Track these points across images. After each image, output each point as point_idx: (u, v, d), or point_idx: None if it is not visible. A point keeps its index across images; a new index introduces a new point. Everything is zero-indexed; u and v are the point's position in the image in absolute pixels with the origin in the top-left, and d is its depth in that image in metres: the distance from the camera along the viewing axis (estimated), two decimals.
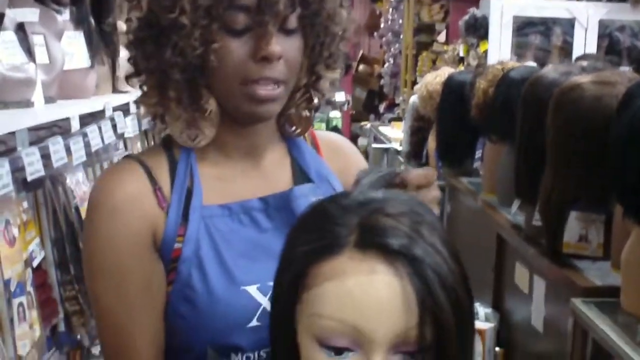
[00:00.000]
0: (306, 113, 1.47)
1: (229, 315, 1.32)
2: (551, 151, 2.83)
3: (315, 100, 1.47)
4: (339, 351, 0.95)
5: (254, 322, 1.33)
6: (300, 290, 0.99)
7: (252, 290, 1.33)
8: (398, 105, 9.59)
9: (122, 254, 1.32)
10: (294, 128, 1.49)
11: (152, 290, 1.34)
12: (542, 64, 4.89)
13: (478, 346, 3.06)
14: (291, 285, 1.00)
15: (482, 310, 3.27)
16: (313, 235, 1.00)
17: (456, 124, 4.48)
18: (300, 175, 1.46)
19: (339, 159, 1.53)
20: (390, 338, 0.93)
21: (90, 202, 1.38)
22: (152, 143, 3.48)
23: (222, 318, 1.32)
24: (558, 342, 2.67)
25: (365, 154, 8.22)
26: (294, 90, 1.42)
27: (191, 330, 1.33)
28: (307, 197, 1.41)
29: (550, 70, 3.21)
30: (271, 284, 1.29)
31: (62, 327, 2.37)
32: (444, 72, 5.18)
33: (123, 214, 1.32)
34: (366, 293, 0.93)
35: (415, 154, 5.77)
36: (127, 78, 1.42)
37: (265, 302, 1.33)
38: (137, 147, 3.27)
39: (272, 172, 1.44)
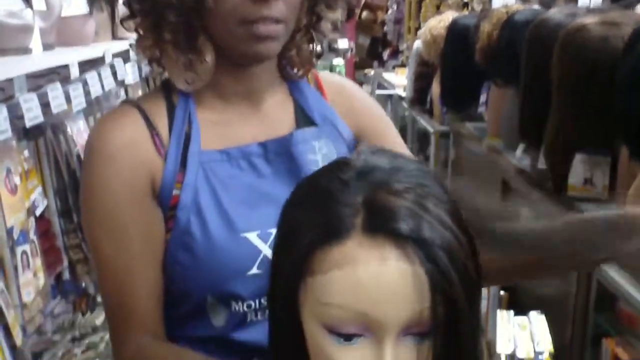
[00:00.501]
0: (307, 55, 1.44)
1: (229, 263, 1.30)
2: (556, 93, 2.81)
3: (319, 48, 1.45)
4: (348, 337, 0.92)
5: (254, 270, 1.31)
6: (304, 274, 0.94)
7: (252, 237, 1.32)
8: (402, 52, 9.51)
9: (119, 202, 1.31)
10: (295, 70, 1.45)
11: (150, 238, 1.32)
12: (547, 7, 4.84)
13: (483, 290, 3.06)
14: (294, 268, 0.95)
15: None
16: (315, 217, 0.94)
17: (460, 68, 4.43)
18: (303, 118, 1.44)
19: (344, 100, 1.49)
20: (402, 322, 0.90)
21: (87, 149, 1.37)
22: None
23: (222, 266, 1.30)
24: (562, 284, 2.67)
25: None
26: (294, 31, 1.39)
27: (190, 278, 1.32)
28: (308, 141, 1.39)
29: (555, 12, 3.17)
30: (271, 230, 1.30)
31: (66, 275, 2.38)
32: (448, 16, 5.12)
33: (120, 160, 1.31)
34: (378, 281, 0.89)
35: (419, 99, 5.73)
36: (122, 21, 1.39)
37: (265, 249, 1.31)
38: (138, 95, 3.25)
39: (273, 116, 1.42)
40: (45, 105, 2.02)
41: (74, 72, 2.32)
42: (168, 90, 1.39)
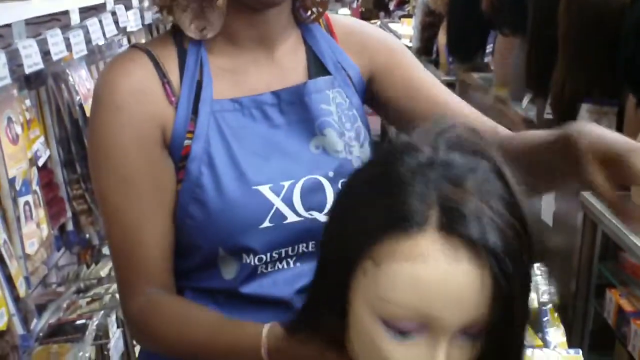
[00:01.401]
0: None
1: (240, 216, 1.26)
2: (563, 43, 2.79)
3: None
4: (403, 332, 0.90)
5: (266, 223, 1.27)
6: (365, 261, 0.91)
7: (265, 190, 1.28)
8: (408, 2, 9.45)
9: (128, 151, 1.25)
10: (309, 13, 1.39)
11: (160, 189, 1.28)
12: None
13: None
14: (356, 252, 0.92)
15: None
16: (385, 203, 0.90)
17: (467, 18, 4.40)
18: (316, 65, 1.38)
19: (356, 41, 1.43)
20: (462, 324, 0.88)
21: (95, 96, 1.31)
22: None
23: (233, 219, 1.26)
24: (567, 236, 2.66)
25: None
26: None
27: (201, 231, 1.28)
28: (321, 91, 1.35)
29: None
30: (283, 183, 1.28)
31: (70, 226, 2.37)
32: None
33: (129, 109, 1.25)
34: (447, 282, 0.87)
35: (426, 49, 5.69)
36: None
37: (277, 202, 1.28)
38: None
39: (286, 63, 1.36)
40: (45, 53, 1.99)
41: (75, 18, 2.27)
42: (179, 35, 1.32)
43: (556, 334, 2.17)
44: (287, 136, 1.31)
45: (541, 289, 2.37)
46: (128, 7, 2.80)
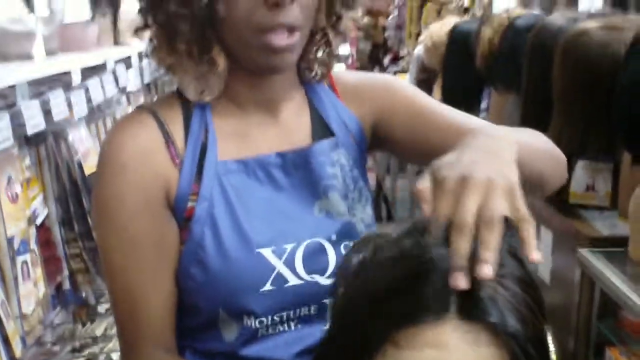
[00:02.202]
0: (326, 57, 1.39)
1: (242, 279, 1.27)
2: (558, 99, 2.81)
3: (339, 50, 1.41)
4: None
5: (268, 286, 1.28)
6: (386, 345, 0.91)
7: (267, 253, 1.29)
8: (403, 57, 9.51)
9: (132, 212, 1.27)
10: (314, 74, 1.41)
11: (164, 249, 1.29)
12: (548, 11, 4.84)
13: None
14: (378, 335, 0.92)
15: None
16: (407, 292, 0.92)
17: (461, 74, 4.43)
18: (320, 126, 1.39)
19: (353, 92, 1.44)
20: None
21: (101, 156, 1.32)
22: (155, 98, 3.44)
23: (235, 281, 1.27)
24: (565, 293, 2.65)
25: None
26: (313, 32, 1.34)
27: (202, 292, 1.29)
28: (327, 153, 1.36)
29: (557, 17, 3.17)
30: (286, 246, 1.29)
31: (67, 285, 2.37)
32: (449, 21, 5.12)
33: (134, 169, 1.27)
34: None
35: None
36: (136, 31, 1.35)
37: (279, 265, 1.29)
38: (140, 102, 3.24)
39: (291, 125, 1.38)
40: (46, 112, 2.01)
41: (76, 78, 2.30)
42: (184, 96, 1.34)
43: None
44: (290, 199, 1.33)
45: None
46: (128, 67, 2.83)
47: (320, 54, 1.39)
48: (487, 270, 0.87)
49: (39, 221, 2.15)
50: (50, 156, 2.29)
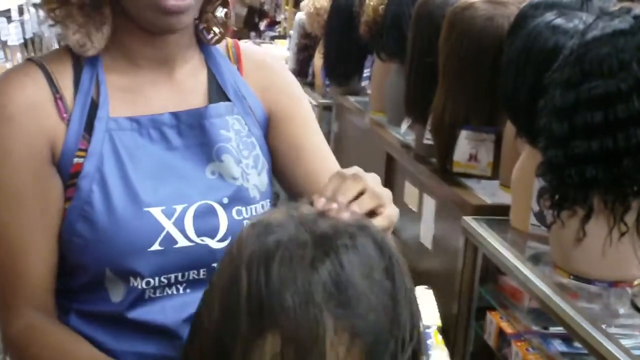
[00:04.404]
0: (224, 19, 1.39)
1: (129, 237, 1.25)
2: (443, 70, 2.86)
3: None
4: None
5: (156, 246, 1.27)
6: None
7: (156, 212, 1.27)
8: (279, 23, 9.49)
9: (16, 166, 1.26)
10: (211, 35, 1.40)
11: (46, 206, 1.27)
12: None
13: None
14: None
15: None
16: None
17: (344, 41, 4.45)
18: (217, 91, 1.38)
19: (262, 77, 1.44)
20: None
21: None
22: (33, 53, 3.33)
23: (122, 239, 1.25)
24: (447, 260, 2.73)
25: None
26: None
27: (88, 251, 1.27)
28: (221, 116, 1.35)
29: None
30: (176, 207, 1.28)
31: None
32: None
33: (19, 124, 1.25)
34: None
35: (302, 71, 5.73)
36: None
37: (169, 225, 1.28)
38: (17, 57, 3.14)
39: (186, 85, 1.36)
40: None
41: None
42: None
43: (440, 356, 2.23)
44: (183, 159, 1.31)
45: (424, 312, 2.43)
46: (9, 20, 2.72)
47: (217, 14, 1.38)
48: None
49: None
50: None
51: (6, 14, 2.71)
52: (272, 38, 8.71)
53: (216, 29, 1.39)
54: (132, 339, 1.31)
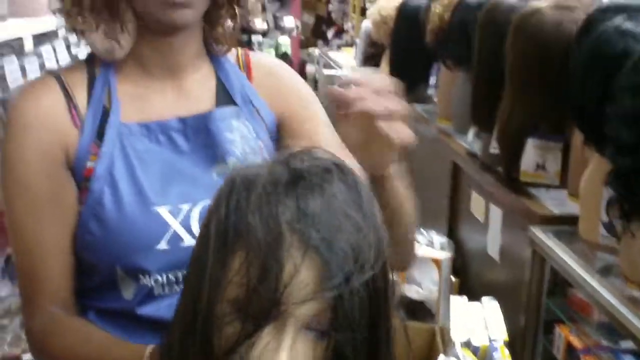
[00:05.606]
0: (232, 30, 1.46)
1: (137, 235, 1.32)
2: (510, 77, 2.82)
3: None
4: None
5: (163, 245, 1.33)
6: None
7: (163, 211, 1.34)
8: (346, 31, 9.51)
9: (33, 172, 1.33)
10: (220, 46, 1.47)
11: (61, 208, 1.34)
12: None
13: (434, 275, 3.06)
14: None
15: (437, 239, 3.26)
16: None
17: (410, 49, 4.42)
18: (224, 96, 1.45)
19: (272, 83, 1.50)
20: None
21: (7, 118, 1.40)
22: None
23: (130, 237, 1.32)
24: (514, 271, 2.68)
25: (314, 81, 8.14)
26: (218, 6, 1.40)
27: (100, 249, 1.34)
28: (227, 119, 1.41)
29: None
30: (182, 206, 1.35)
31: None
32: None
33: (34, 130, 1.33)
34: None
35: None
36: None
37: (175, 224, 1.34)
38: None
39: (194, 92, 1.43)
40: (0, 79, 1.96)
41: (28, 45, 2.25)
42: (92, 60, 1.40)
43: None
44: (190, 162, 1.38)
45: (490, 325, 2.39)
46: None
47: (226, 27, 1.45)
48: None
49: None
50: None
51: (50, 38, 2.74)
52: (339, 46, 8.72)
53: (225, 43, 1.46)
54: (143, 334, 1.35)
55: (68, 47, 2.55)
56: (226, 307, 0.95)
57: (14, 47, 2.26)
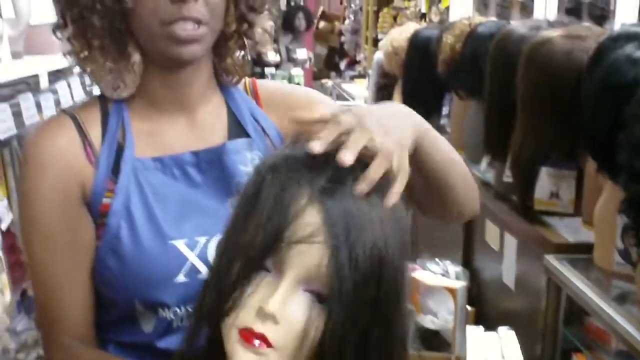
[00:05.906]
0: (241, 61, 1.46)
1: (155, 269, 1.33)
2: (522, 106, 2.83)
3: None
4: None
5: (181, 278, 1.33)
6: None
7: (180, 244, 1.34)
8: (359, 62, 9.56)
9: (50, 209, 1.34)
10: (230, 77, 1.47)
11: (79, 245, 1.35)
12: (504, 18, 4.88)
13: (450, 305, 3.05)
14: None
15: (452, 269, 3.25)
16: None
17: (422, 80, 4.45)
18: (236, 128, 1.45)
19: (279, 102, 1.50)
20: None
21: (23, 157, 1.41)
22: None
23: (148, 271, 1.33)
24: (530, 300, 2.68)
25: None
26: (227, 38, 1.41)
27: (118, 284, 1.35)
28: (240, 152, 1.41)
29: (519, 25, 3.20)
30: (198, 239, 1.35)
31: (31, 291, 2.32)
32: (410, 27, 5.14)
33: (51, 169, 1.34)
34: None
35: None
36: (54, 30, 1.40)
37: (192, 257, 1.34)
38: None
39: (207, 125, 1.43)
40: (16, 115, 1.98)
41: (44, 81, 2.28)
42: (105, 98, 1.40)
43: None
44: (205, 195, 1.39)
45: (507, 354, 2.38)
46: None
47: (235, 58, 1.45)
48: (348, 156, 1.00)
49: (4, 226, 2.11)
50: (15, 160, 2.26)
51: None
52: (352, 77, 8.76)
53: (235, 74, 1.47)
54: None
55: (83, 84, 2.57)
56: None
57: (30, 84, 2.28)
